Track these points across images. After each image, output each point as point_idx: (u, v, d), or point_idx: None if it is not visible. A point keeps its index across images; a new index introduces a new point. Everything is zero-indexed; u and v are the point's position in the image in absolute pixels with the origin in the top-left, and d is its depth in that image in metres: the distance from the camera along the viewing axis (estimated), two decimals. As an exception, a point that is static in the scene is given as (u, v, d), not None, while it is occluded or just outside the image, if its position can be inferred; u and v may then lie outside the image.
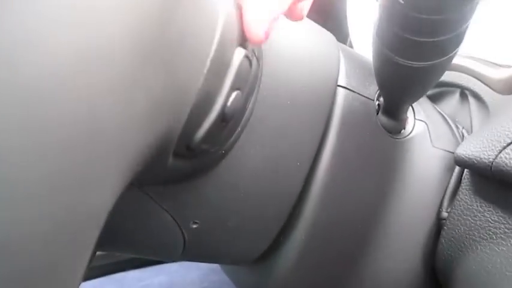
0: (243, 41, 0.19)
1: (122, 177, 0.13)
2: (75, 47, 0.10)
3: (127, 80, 0.11)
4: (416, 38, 0.22)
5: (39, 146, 0.10)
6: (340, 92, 0.30)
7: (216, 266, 0.51)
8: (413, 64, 0.24)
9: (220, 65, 0.17)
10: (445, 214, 0.31)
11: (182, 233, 0.27)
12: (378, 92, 0.32)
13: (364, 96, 0.32)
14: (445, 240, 0.30)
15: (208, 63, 0.16)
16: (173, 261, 0.54)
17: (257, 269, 0.33)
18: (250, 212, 0.28)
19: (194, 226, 0.27)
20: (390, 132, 0.32)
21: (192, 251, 0.29)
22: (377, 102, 0.32)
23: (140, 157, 0.14)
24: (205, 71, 0.16)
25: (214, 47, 0.16)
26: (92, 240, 0.13)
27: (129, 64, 0.11)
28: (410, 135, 0.33)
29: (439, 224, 0.32)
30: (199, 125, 0.18)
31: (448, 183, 0.32)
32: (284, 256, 0.31)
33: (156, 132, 0.15)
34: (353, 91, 0.31)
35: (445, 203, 0.32)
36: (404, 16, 0.21)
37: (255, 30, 0.18)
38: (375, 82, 0.33)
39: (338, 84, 0.30)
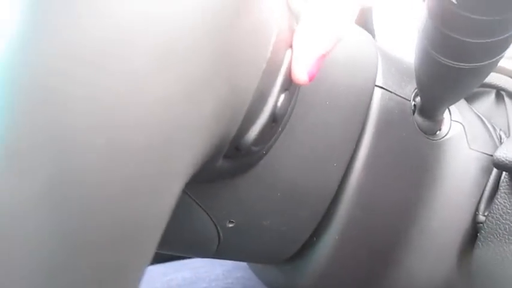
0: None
1: (185, 179, 0.13)
2: (154, 45, 0.10)
3: (200, 80, 0.11)
4: (465, 39, 0.21)
5: (116, 147, 0.10)
6: (377, 92, 0.30)
7: (241, 262, 0.51)
8: (459, 65, 0.23)
9: (273, 66, 0.17)
10: (482, 218, 0.30)
11: (218, 231, 0.28)
12: (414, 92, 0.32)
13: (401, 97, 0.31)
14: (482, 244, 0.30)
15: (264, 64, 0.16)
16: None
17: (288, 268, 0.33)
18: (286, 212, 0.28)
19: (230, 225, 0.27)
20: (426, 133, 0.32)
21: (225, 249, 0.29)
22: (413, 103, 0.32)
23: (201, 159, 0.14)
24: (261, 72, 0.16)
25: (270, 48, 0.16)
26: (155, 240, 0.13)
27: (203, 65, 0.11)
28: (447, 136, 0.32)
29: (475, 228, 0.31)
30: (250, 126, 0.18)
31: (485, 186, 0.32)
32: (317, 256, 0.31)
33: (217, 134, 0.15)
34: (389, 91, 0.31)
35: (482, 206, 0.31)
36: (455, 16, 0.20)
37: (300, 73, 0.19)
38: (411, 82, 0.32)
39: (375, 84, 0.30)
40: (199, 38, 0.11)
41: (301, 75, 0.19)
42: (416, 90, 0.32)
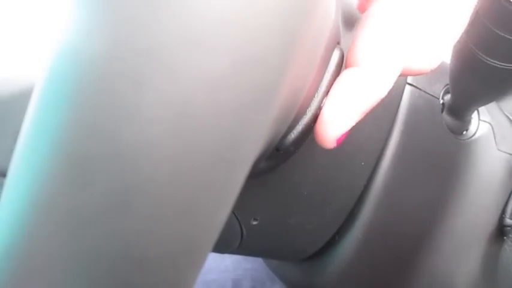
0: (339, 40, 0.18)
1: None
2: (233, 45, 0.09)
3: (272, 86, 0.10)
4: None
5: (184, 158, 0.09)
6: (407, 89, 0.29)
7: (251, 254, 0.51)
8: (505, 66, 0.22)
9: (323, 64, 0.16)
10: (509, 221, 0.30)
11: (241, 229, 0.27)
12: (443, 90, 0.31)
13: (430, 94, 0.30)
14: (509, 248, 0.29)
15: (316, 63, 0.15)
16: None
17: (308, 266, 0.32)
18: (311, 211, 0.28)
19: (254, 223, 0.27)
20: (454, 133, 0.31)
21: (247, 246, 0.28)
22: (441, 101, 0.31)
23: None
24: (314, 70, 0.15)
25: (324, 44, 0.15)
26: (207, 253, 0.12)
27: (277, 69, 0.10)
28: (475, 136, 0.31)
29: (502, 231, 0.30)
30: (294, 126, 0.17)
31: (513, 188, 0.31)
32: (339, 255, 0.30)
33: (273, 137, 0.14)
34: (419, 88, 0.30)
35: (509, 209, 0.30)
36: (506, 12, 0.19)
37: (328, 135, 0.16)
38: (441, 79, 0.31)
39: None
40: (277, 40, 0.10)
41: (328, 142, 0.17)
42: (445, 88, 0.31)
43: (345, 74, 0.17)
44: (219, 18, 0.09)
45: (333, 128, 0.16)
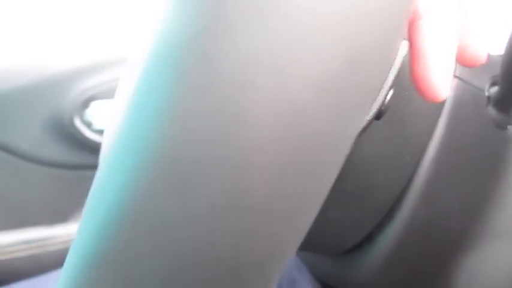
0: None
1: None
2: (342, 51, 0.08)
3: (374, 87, 0.10)
4: None
5: (289, 166, 0.09)
6: (452, 82, 0.28)
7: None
8: None
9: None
10: (555, 220, 0.29)
11: None
12: (489, 83, 0.30)
13: (475, 87, 0.29)
14: (555, 249, 0.28)
15: (394, 58, 0.14)
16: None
17: (343, 260, 0.32)
18: (353, 205, 0.27)
19: None
20: (499, 127, 0.30)
21: None
22: (486, 94, 0.30)
23: None
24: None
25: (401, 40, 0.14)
26: (295, 251, 0.12)
27: (377, 75, 0.09)
28: None
29: (547, 230, 0.30)
30: None
31: (560, 186, 0.30)
32: (376, 251, 0.30)
33: None
34: (464, 81, 0.29)
35: (556, 208, 0.29)
36: None
37: (442, 93, 0.16)
38: (486, 71, 0.30)
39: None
40: (384, 40, 0.09)
41: (442, 97, 0.16)
42: (491, 81, 0.30)
43: (419, 28, 0.16)
44: (330, 19, 0.08)
45: (444, 84, 0.16)
